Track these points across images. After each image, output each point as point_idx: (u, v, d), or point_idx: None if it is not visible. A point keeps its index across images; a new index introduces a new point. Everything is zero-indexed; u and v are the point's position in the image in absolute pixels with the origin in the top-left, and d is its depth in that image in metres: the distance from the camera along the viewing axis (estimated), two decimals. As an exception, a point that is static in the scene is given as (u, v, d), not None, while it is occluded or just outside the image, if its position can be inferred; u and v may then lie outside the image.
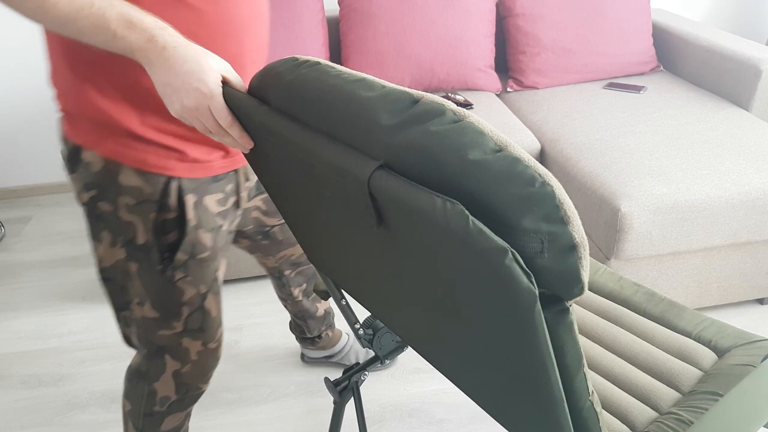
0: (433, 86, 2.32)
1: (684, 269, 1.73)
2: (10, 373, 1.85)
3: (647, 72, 2.42)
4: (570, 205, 0.52)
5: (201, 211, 1.02)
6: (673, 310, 1.16)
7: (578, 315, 1.19)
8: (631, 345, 1.10)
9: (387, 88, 0.64)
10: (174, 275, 1.03)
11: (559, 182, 1.78)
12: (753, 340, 1.08)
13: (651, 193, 1.59)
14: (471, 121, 0.56)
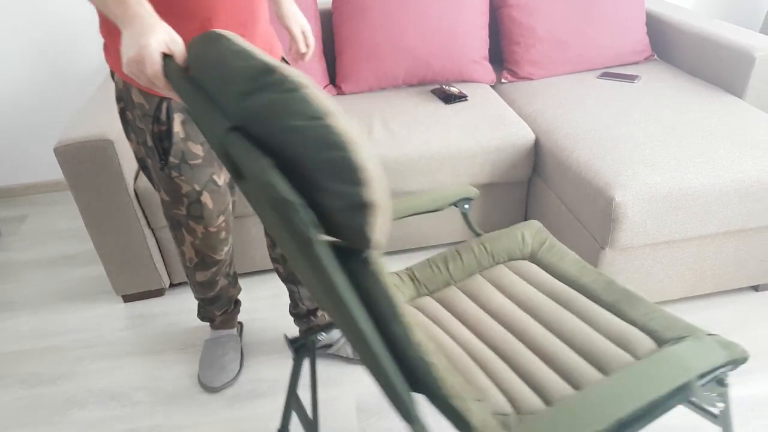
0: (428, 78, 2.31)
1: (679, 258, 1.74)
2: (9, 372, 1.85)
3: (641, 61, 2.42)
4: (371, 171, 0.61)
5: (189, 127, 1.32)
6: (627, 300, 1.19)
7: (528, 295, 1.25)
8: (572, 327, 1.15)
9: (255, 59, 0.70)
10: (171, 173, 1.36)
11: (557, 172, 1.78)
12: (707, 333, 1.08)
13: (645, 182, 1.59)
14: (305, 92, 0.63)
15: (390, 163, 1.93)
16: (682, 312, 1.86)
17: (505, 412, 1.00)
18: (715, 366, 0.91)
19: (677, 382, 0.89)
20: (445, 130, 1.99)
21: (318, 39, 2.29)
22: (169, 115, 1.29)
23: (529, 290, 1.27)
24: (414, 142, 1.95)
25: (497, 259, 1.38)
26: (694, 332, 1.08)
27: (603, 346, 1.09)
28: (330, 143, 0.61)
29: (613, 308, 1.18)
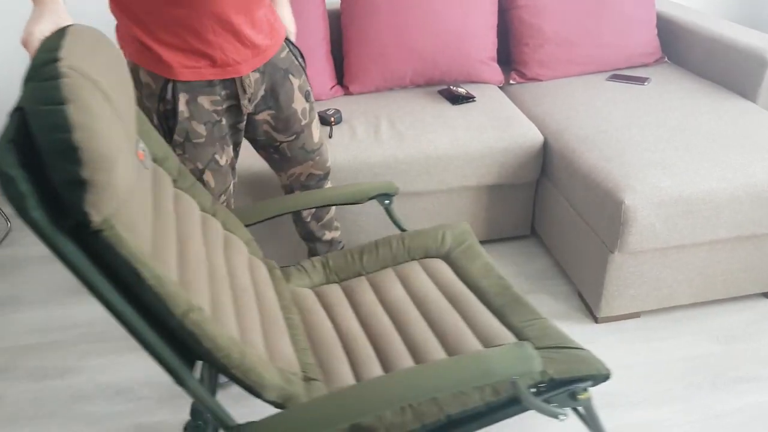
0: (436, 79, 2.31)
1: (689, 262, 1.73)
2: (17, 365, 1.86)
3: (651, 63, 2.40)
4: (91, 151, 0.71)
5: (194, 107, 1.36)
6: (514, 306, 1.24)
7: (426, 291, 1.32)
8: (451, 325, 1.21)
9: (46, 53, 0.78)
10: (175, 151, 1.39)
11: (566, 174, 1.78)
12: (568, 345, 1.12)
13: (655, 185, 1.58)
14: (59, 81, 0.72)
15: (396, 164, 1.93)
16: (691, 318, 1.85)
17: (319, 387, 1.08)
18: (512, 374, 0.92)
19: (475, 381, 0.91)
20: (452, 130, 1.98)
21: (326, 39, 2.29)
22: (174, 95, 1.34)
23: (429, 287, 1.34)
24: (421, 143, 1.94)
25: (412, 256, 1.45)
26: (564, 344, 1.13)
27: (469, 345, 1.17)
28: (59, 126, 0.70)
29: (498, 312, 1.24)
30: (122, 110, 0.87)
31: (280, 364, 1.05)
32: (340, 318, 1.29)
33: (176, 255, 0.99)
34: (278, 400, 0.97)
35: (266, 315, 1.16)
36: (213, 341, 0.85)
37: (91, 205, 0.71)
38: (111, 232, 0.75)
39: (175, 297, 0.81)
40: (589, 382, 1.09)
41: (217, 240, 1.20)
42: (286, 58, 1.49)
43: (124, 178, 0.78)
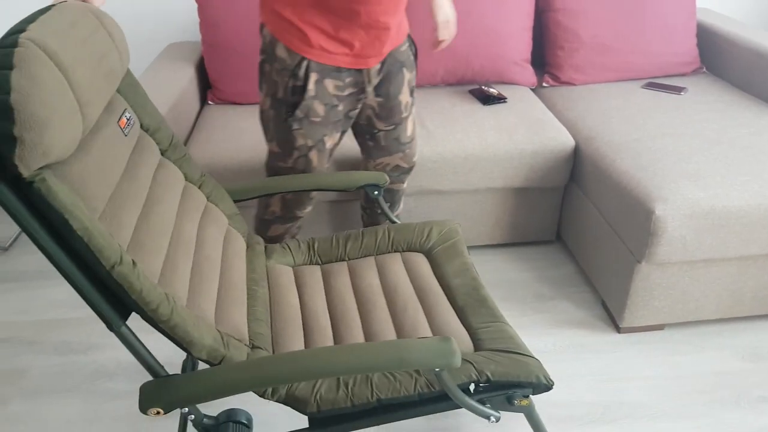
0: (467, 78, 2.30)
1: (717, 277, 1.70)
2: (43, 339, 1.90)
3: (689, 73, 2.37)
4: (24, 112, 0.78)
5: (320, 87, 1.43)
6: (476, 307, 1.28)
7: (399, 283, 1.36)
8: (411, 317, 1.26)
9: (23, 23, 0.88)
10: (292, 125, 1.47)
11: (596, 180, 1.76)
12: (516, 351, 1.15)
13: (687, 197, 1.56)
14: (15, 50, 0.81)
15: (423, 161, 1.92)
16: (717, 333, 1.82)
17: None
18: (427, 365, 0.95)
19: (389, 367, 0.95)
20: (482, 131, 1.97)
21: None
22: (307, 74, 1.41)
23: (402, 279, 1.38)
24: (449, 142, 1.94)
25: (396, 248, 1.49)
26: (514, 348, 1.15)
27: (422, 336, 1.19)
28: (1, 87, 0.78)
29: (460, 311, 1.28)
30: (87, 83, 0.94)
31: (224, 329, 1.11)
32: (308, 297, 1.35)
33: (137, 216, 1.07)
34: (208, 359, 1.03)
35: (226, 283, 1.22)
36: (139, 294, 0.92)
37: (19, 159, 0.80)
38: (42, 184, 0.83)
39: (104, 249, 0.88)
40: (529, 389, 1.11)
41: (194, 209, 1.28)
42: (405, 51, 1.54)
43: (62, 139, 0.85)
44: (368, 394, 1.08)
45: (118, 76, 1.11)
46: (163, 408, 0.96)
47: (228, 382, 0.96)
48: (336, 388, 1.09)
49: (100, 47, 1.03)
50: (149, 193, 1.15)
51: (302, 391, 1.09)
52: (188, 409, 1.01)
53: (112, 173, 1.04)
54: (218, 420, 1.03)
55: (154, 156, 1.24)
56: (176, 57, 2.35)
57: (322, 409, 1.07)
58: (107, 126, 1.07)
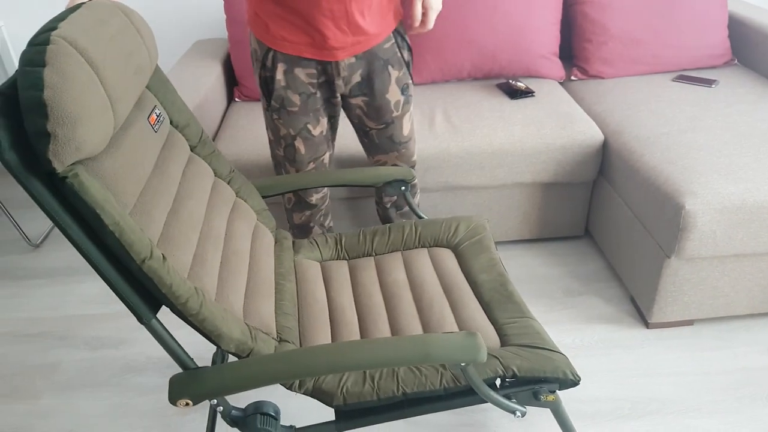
0: (494, 72, 2.28)
1: (748, 272, 1.67)
2: (75, 334, 1.94)
3: (720, 65, 2.32)
4: (57, 108, 0.80)
5: (290, 77, 1.46)
6: (502, 302, 1.27)
7: (425, 278, 1.36)
8: (438, 312, 1.26)
9: (53, 22, 0.90)
10: (273, 115, 1.53)
11: (625, 175, 1.73)
12: (542, 346, 1.14)
13: (718, 191, 1.53)
14: (46, 47, 0.83)
15: (449, 157, 1.92)
16: (747, 329, 1.79)
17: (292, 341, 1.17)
18: (452, 360, 0.95)
19: (414, 361, 0.95)
20: (509, 125, 1.96)
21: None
22: (274, 63, 1.45)
23: (429, 274, 1.38)
24: (476, 137, 1.93)
25: (423, 243, 1.49)
26: (540, 344, 1.14)
27: (446, 329, 1.22)
28: (34, 84, 0.80)
29: (486, 306, 1.28)
30: (117, 79, 0.96)
31: (252, 322, 1.13)
32: (335, 292, 1.36)
33: (167, 211, 1.09)
34: (236, 351, 1.05)
35: (255, 278, 1.25)
36: (169, 288, 0.94)
37: (53, 155, 0.81)
38: (75, 179, 0.85)
39: (135, 244, 0.90)
40: (556, 384, 1.10)
41: (223, 204, 1.30)
42: (389, 48, 1.51)
43: (94, 135, 0.87)
44: (394, 387, 1.08)
45: (147, 72, 1.12)
46: (192, 399, 0.98)
47: (255, 374, 0.97)
48: (362, 382, 1.10)
49: (128, 44, 1.05)
50: (179, 189, 1.17)
51: (329, 384, 1.10)
52: (216, 401, 1.02)
53: (142, 169, 1.05)
54: (246, 412, 1.05)
55: (184, 152, 1.26)
56: (203, 54, 2.37)
57: (349, 402, 1.08)
58: (137, 122, 1.09)
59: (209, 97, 2.07)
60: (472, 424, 1.55)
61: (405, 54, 1.55)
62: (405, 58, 1.55)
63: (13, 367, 1.82)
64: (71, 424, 1.62)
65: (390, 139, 1.64)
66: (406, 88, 1.58)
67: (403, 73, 1.56)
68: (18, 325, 1.99)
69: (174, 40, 2.67)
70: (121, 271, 0.92)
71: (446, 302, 1.30)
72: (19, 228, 2.36)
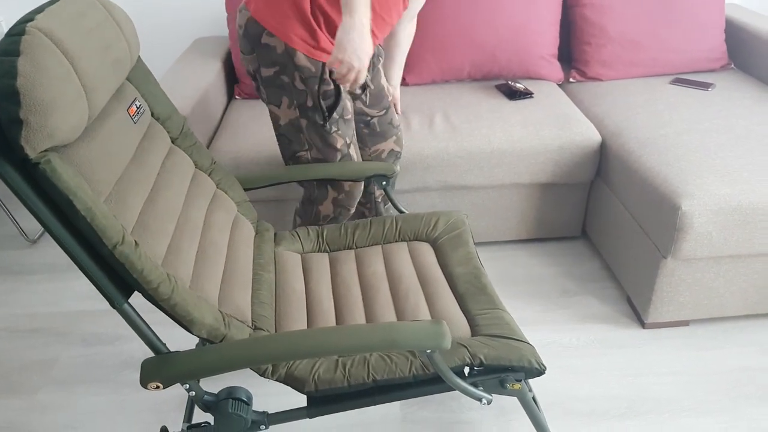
0: (494, 73, 2.30)
1: (743, 273, 1.69)
2: (71, 330, 1.93)
3: (717, 69, 2.34)
4: (29, 97, 0.82)
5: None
6: (476, 294, 1.30)
7: (403, 271, 1.39)
8: (413, 303, 1.29)
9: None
10: (331, 128, 1.50)
11: (622, 176, 1.75)
12: (511, 336, 1.16)
13: (714, 193, 1.55)
14: (22, 38, 0.85)
15: (448, 157, 1.93)
16: (742, 330, 1.80)
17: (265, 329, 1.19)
18: (418, 347, 0.98)
19: (381, 347, 0.99)
20: (508, 126, 1.97)
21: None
22: (331, 75, 1.46)
23: (407, 267, 1.40)
24: (475, 137, 1.94)
25: (402, 237, 1.52)
26: (509, 334, 1.17)
27: (418, 317, 1.26)
28: (8, 73, 0.82)
29: (460, 298, 1.31)
30: (93, 70, 0.98)
31: (227, 310, 1.15)
32: (314, 283, 1.38)
33: (144, 200, 1.10)
34: (208, 337, 1.06)
35: (232, 267, 1.27)
36: (140, 273, 0.95)
37: (25, 141, 0.84)
38: (47, 165, 0.86)
39: (107, 229, 0.91)
40: (522, 373, 1.13)
41: (202, 195, 1.32)
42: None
43: (66, 123, 0.89)
44: (365, 375, 1.11)
45: (126, 64, 1.14)
46: (163, 382, 1.00)
47: (225, 358, 0.99)
48: (334, 369, 1.12)
49: (107, 36, 1.07)
50: (157, 179, 1.19)
51: (301, 371, 1.12)
52: (189, 385, 1.04)
53: (119, 158, 1.07)
54: (218, 397, 1.07)
55: (164, 143, 1.28)
56: (203, 52, 2.38)
57: (320, 389, 1.11)
58: (116, 113, 1.11)
59: (209, 95, 2.08)
60: (469, 422, 1.56)
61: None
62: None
63: (10, 362, 1.82)
64: (69, 420, 1.62)
65: (390, 124, 1.73)
66: (379, 71, 1.69)
67: (378, 57, 1.68)
68: (15, 321, 1.98)
69: (174, 38, 2.68)
70: (93, 256, 0.94)
71: (422, 294, 1.33)
72: (16, 223, 2.36)
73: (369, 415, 1.59)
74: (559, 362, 1.72)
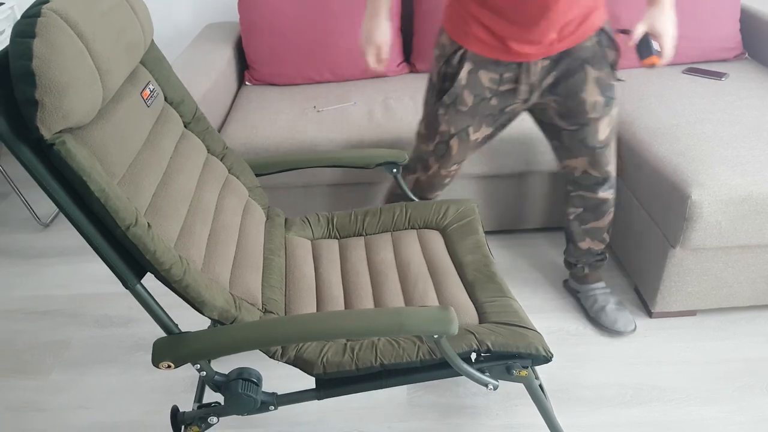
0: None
1: (752, 264, 1.68)
2: (85, 312, 1.96)
3: (731, 59, 2.32)
4: (44, 78, 0.83)
5: (473, 78, 1.43)
6: (484, 282, 1.31)
7: (412, 258, 1.40)
8: (421, 290, 1.30)
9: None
10: (438, 110, 1.49)
11: (633, 165, 1.74)
12: (519, 324, 1.17)
13: (725, 182, 1.54)
14: (38, 20, 0.85)
15: (461, 144, 1.93)
16: (749, 320, 1.80)
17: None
18: (425, 331, 0.99)
19: (389, 332, 0.99)
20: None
21: (396, 15, 2.30)
22: (461, 62, 1.42)
23: (416, 255, 1.42)
24: (486, 124, 1.94)
25: (412, 225, 1.53)
26: (516, 321, 1.18)
27: (427, 304, 1.26)
28: (24, 54, 0.83)
29: (469, 286, 1.32)
30: (107, 53, 0.99)
31: (238, 292, 1.17)
32: (324, 269, 1.40)
33: (156, 183, 1.12)
34: (219, 318, 1.08)
35: (243, 251, 1.28)
36: (153, 255, 0.96)
37: (40, 122, 0.85)
38: (62, 146, 0.87)
39: (120, 211, 0.92)
40: (528, 360, 1.14)
41: (214, 180, 1.33)
42: (590, 47, 1.41)
43: (81, 105, 0.90)
44: (372, 358, 1.12)
45: (140, 48, 1.15)
46: (174, 362, 1.01)
47: (235, 339, 1.01)
48: (342, 352, 1.14)
49: (121, 20, 1.08)
50: (170, 163, 1.20)
51: (310, 353, 1.14)
52: (200, 366, 1.06)
53: (132, 141, 1.09)
54: (229, 377, 1.08)
55: (177, 128, 1.29)
56: (214, 38, 2.38)
57: (328, 372, 1.12)
58: (129, 96, 1.13)
59: (220, 81, 2.09)
60: (474, 407, 1.57)
61: (610, 54, 1.44)
62: (609, 57, 1.44)
63: (24, 343, 1.85)
64: (82, 400, 1.65)
65: (582, 143, 1.52)
66: (609, 89, 1.45)
67: (606, 72, 1.44)
68: (29, 303, 2.02)
69: (185, 24, 2.68)
70: (106, 237, 0.95)
71: (430, 281, 1.33)
72: (29, 207, 2.39)
73: (375, 398, 1.61)
74: (565, 350, 1.73)
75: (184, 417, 1.16)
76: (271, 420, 1.57)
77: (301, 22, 2.21)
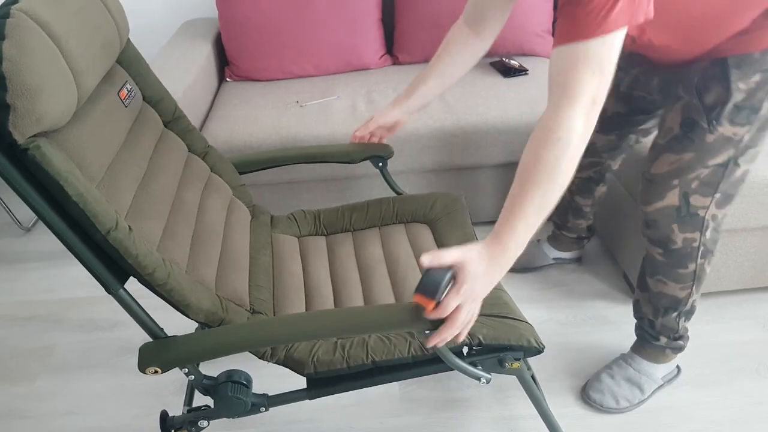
0: (489, 50, 2.27)
1: (739, 247, 1.69)
2: (68, 317, 1.93)
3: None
4: (16, 81, 0.80)
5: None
6: None
7: (400, 252, 1.38)
8: (409, 283, 1.28)
9: None
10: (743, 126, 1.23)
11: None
12: (510, 316, 1.17)
13: (710, 167, 1.54)
14: (5, 21, 0.82)
15: (444, 136, 1.92)
16: (737, 304, 1.81)
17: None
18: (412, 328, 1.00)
19: (377, 329, 1.02)
20: (503, 104, 1.96)
21: (377, 6, 2.27)
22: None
23: (404, 249, 1.40)
24: (469, 116, 1.93)
25: (400, 219, 1.51)
26: (506, 313, 1.17)
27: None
28: None
29: None
30: (81, 53, 0.96)
31: (224, 294, 1.15)
32: (312, 266, 1.38)
33: (137, 184, 1.09)
34: (206, 321, 1.06)
35: (228, 251, 1.26)
36: (135, 258, 0.94)
37: (13, 126, 0.82)
38: (36, 151, 0.85)
39: (100, 215, 0.90)
40: (520, 352, 1.13)
41: (196, 179, 1.31)
42: None
43: (55, 107, 0.87)
44: (363, 356, 1.11)
45: (115, 47, 1.13)
46: (161, 367, 0.99)
47: (223, 342, 0.99)
48: (333, 351, 1.12)
49: (95, 19, 1.05)
50: (150, 163, 1.18)
51: (300, 353, 1.12)
52: (188, 370, 1.04)
53: (111, 142, 1.06)
54: (218, 380, 1.07)
55: (157, 127, 1.27)
56: (193, 34, 2.35)
57: (319, 371, 1.11)
58: (106, 96, 1.10)
59: (200, 78, 2.06)
60: (467, 400, 1.57)
61: None
62: None
63: (8, 350, 1.82)
64: (68, 406, 1.63)
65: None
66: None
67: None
68: (12, 309, 1.98)
69: (162, 21, 2.64)
70: (87, 242, 0.93)
71: (420, 275, 1.31)
72: (9, 212, 2.34)
73: (367, 394, 1.60)
74: (555, 339, 1.73)
75: (173, 421, 1.14)
76: (264, 419, 1.56)
77: (281, 15, 2.18)
